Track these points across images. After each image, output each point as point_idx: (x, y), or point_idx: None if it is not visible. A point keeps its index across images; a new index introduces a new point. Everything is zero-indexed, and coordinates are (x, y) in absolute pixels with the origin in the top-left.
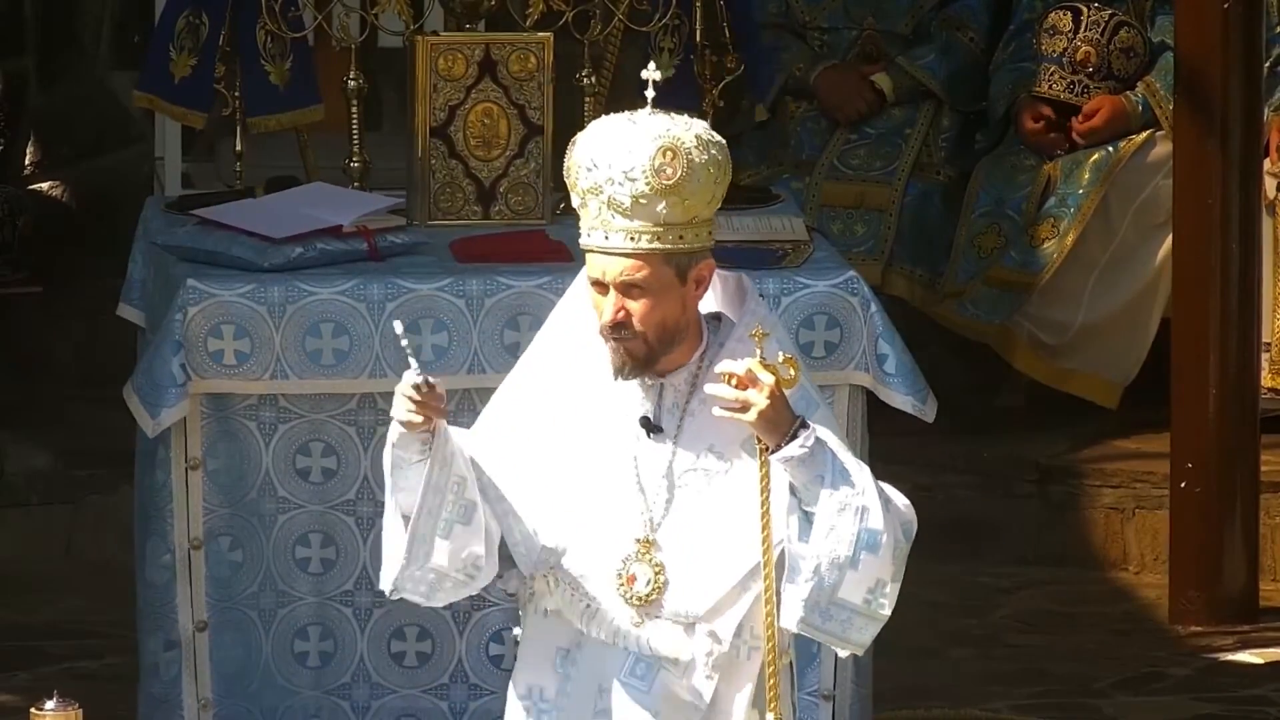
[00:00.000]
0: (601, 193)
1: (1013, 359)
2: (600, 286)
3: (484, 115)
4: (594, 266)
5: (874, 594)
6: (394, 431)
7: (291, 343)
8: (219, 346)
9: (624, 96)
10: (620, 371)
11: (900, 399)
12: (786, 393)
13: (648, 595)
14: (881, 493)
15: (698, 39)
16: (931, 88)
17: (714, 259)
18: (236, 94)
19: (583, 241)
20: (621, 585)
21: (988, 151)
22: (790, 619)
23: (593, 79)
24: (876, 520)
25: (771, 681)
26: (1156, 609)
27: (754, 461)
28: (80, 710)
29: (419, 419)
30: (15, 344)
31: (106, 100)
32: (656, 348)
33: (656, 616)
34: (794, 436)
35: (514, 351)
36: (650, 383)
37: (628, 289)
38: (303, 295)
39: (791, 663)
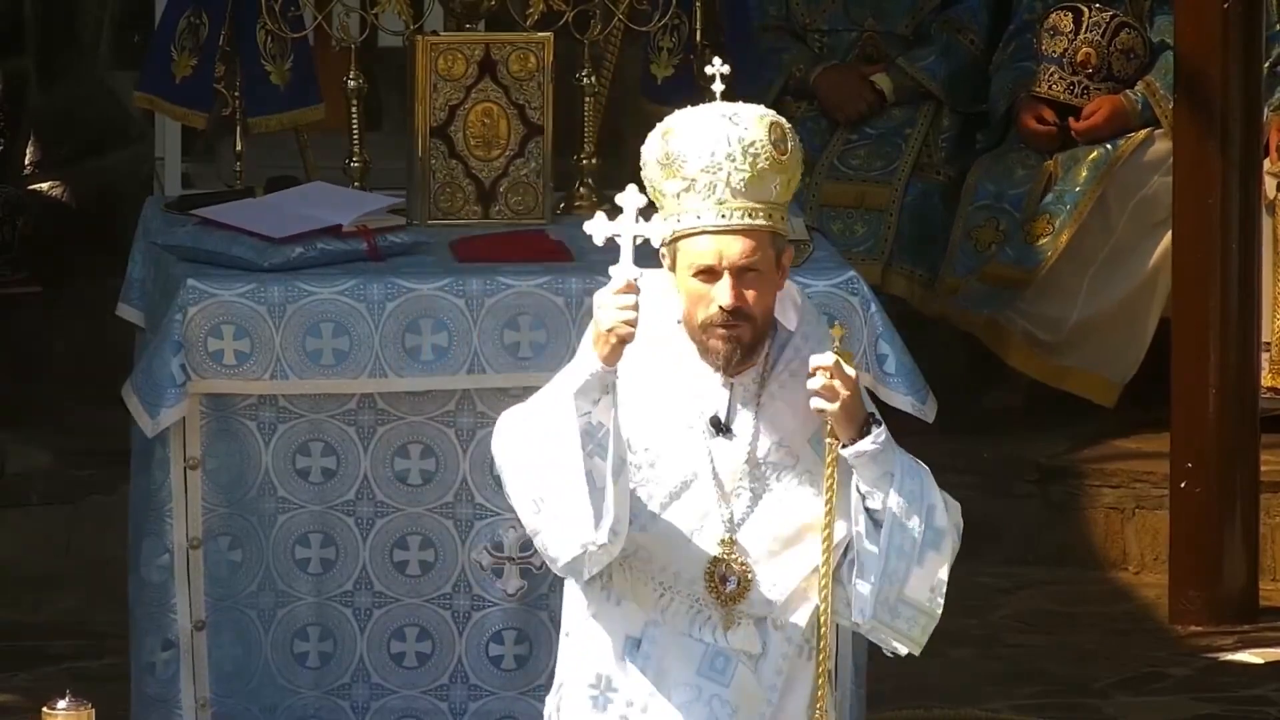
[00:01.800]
0: (720, 170)
1: (1006, 356)
2: (709, 274)
3: (484, 115)
4: (707, 252)
5: (935, 591)
6: (581, 374)
7: (291, 343)
8: (219, 346)
9: (624, 96)
10: (729, 362)
11: (900, 399)
12: None
13: (737, 594)
14: (941, 492)
15: (698, 39)
16: (931, 89)
17: None
18: (236, 94)
19: (690, 226)
20: (712, 586)
21: (988, 151)
22: (862, 614)
23: (593, 79)
24: (941, 519)
25: (821, 691)
26: (1156, 609)
27: (819, 456)
28: (93, 710)
29: (633, 329)
30: (15, 344)
31: (106, 100)
32: (762, 335)
33: (739, 613)
34: (866, 432)
35: (514, 351)
36: (723, 381)
37: (742, 273)
38: (303, 295)
39: (835, 668)
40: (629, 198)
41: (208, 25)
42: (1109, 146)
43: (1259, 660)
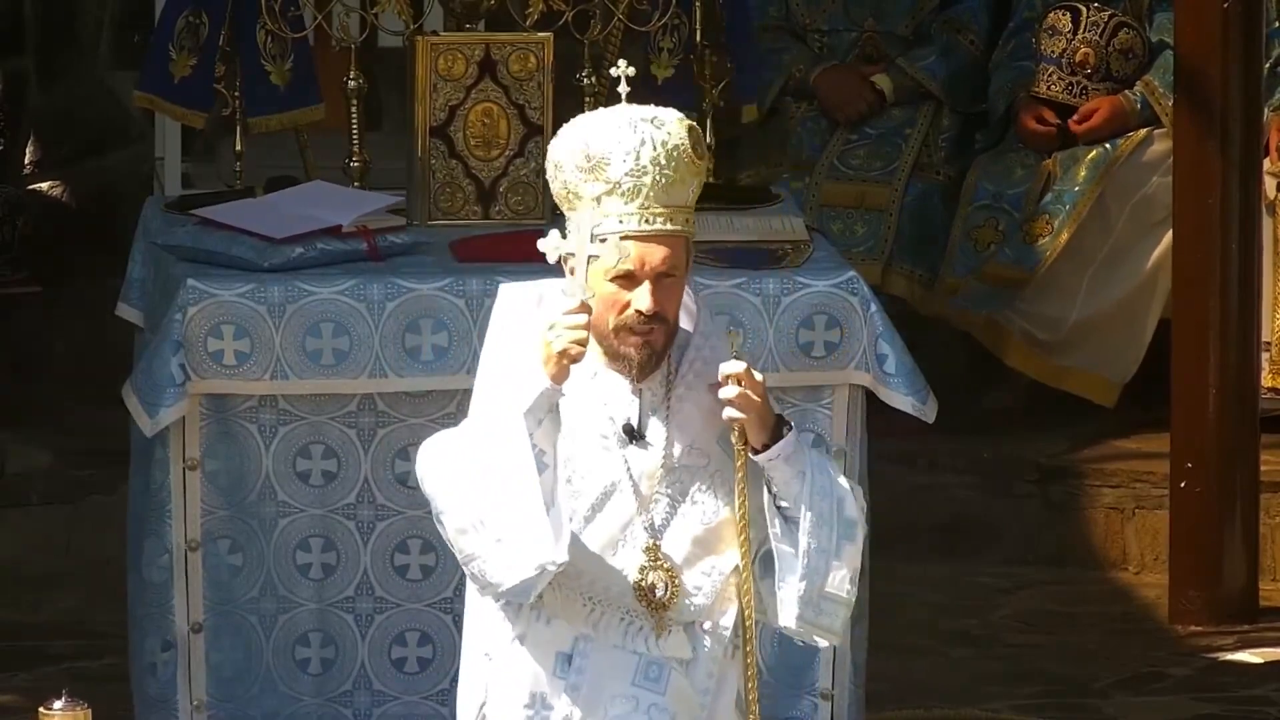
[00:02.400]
0: (646, 174)
1: (1005, 356)
2: (628, 279)
3: (484, 115)
4: (629, 258)
5: (852, 582)
6: (530, 394)
7: (291, 343)
8: (219, 346)
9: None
10: (643, 368)
11: (900, 399)
12: None
13: (666, 601)
14: (845, 477)
15: (698, 39)
16: (931, 89)
17: (715, 258)
18: (236, 94)
19: (614, 230)
20: (641, 595)
21: (987, 151)
22: (789, 617)
23: (593, 79)
24: (851, 509)
25: (751, 684)
26: (1156, 609)
27: (728, 455)
28: (89, 710)
29: (584, 349)
30: (15, 344)
31: (106, 100)
32: (672, 339)
33: (669, 619)
34: (778, 434)
35: None
36: (631, 388)
37: (661, 278)
38: (303, 295)
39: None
40: (584, 217)
41: (207, 25)
42: (1108, 146)
43: (1259, 660)
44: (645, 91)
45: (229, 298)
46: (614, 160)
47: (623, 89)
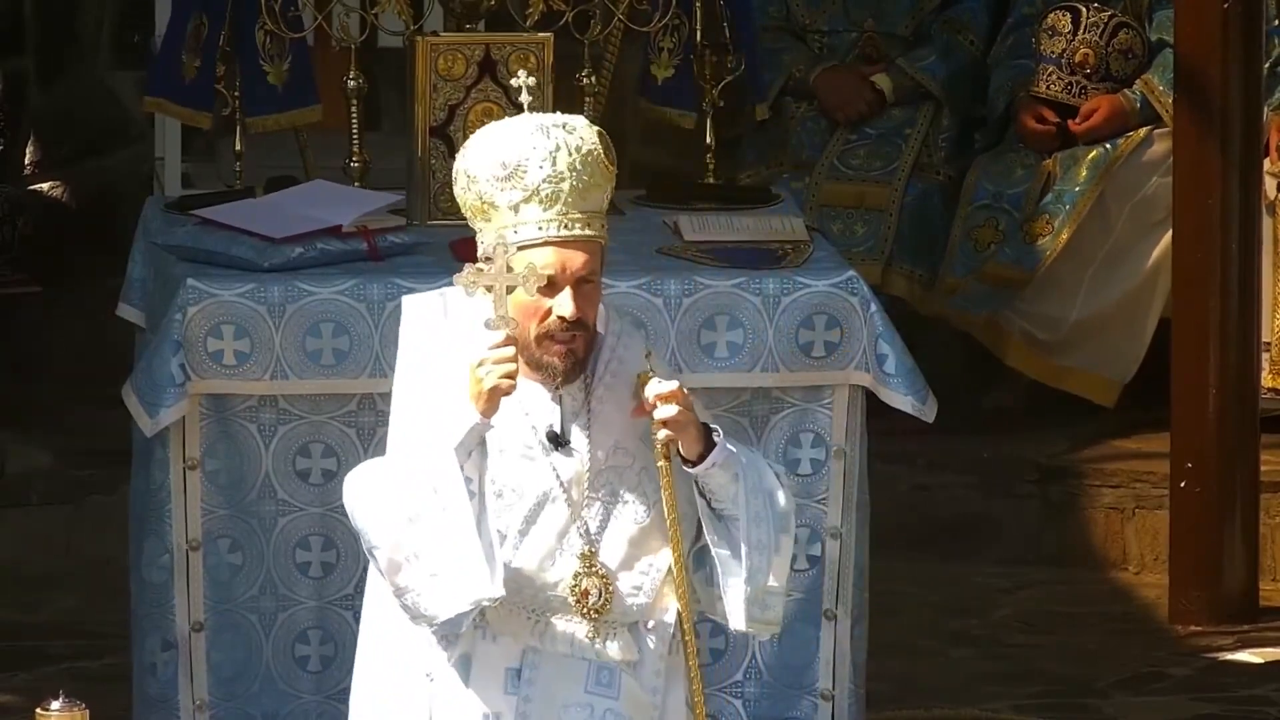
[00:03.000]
0: (563, 180)
1: (1005, 356)
2: (549, 287)
3: (484, 115)
4: (550, 264)
5: (790, 571)
6: (460, 429)
7: (291, 343)
8: (219, 346)
9: (624, 97)
10: (567, 375)
11: (900, 399)
12: None
13: (600, 606)
14: (773, 469)
15: (698, 39)
16: (931, 90)
17: (715, 258)
18: (236, 94)
19: (533, 237)
20: (576, 601)
21: (986, 151)
22: (738, 620)
23: (593, 79)
24: (782, 499)
25: (696, 685)
26: (1156, 609)
27: (651, 451)
28: (87, 710)
29: (514, 381)
30: (15, 344)
31: (106, 100)
32: (592, 345)
33: (608, 623)
34: (709, 443)
35: None
36: (551, 395)
37: (580, 283)
38: (303, 295)
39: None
40: (498, 248)
41: (208, 25)
42: (1108, 146)
43: (1259, 660)
44: (645, 91)
45: (229, 298)
46: (530, 167)
47: (525, 98)
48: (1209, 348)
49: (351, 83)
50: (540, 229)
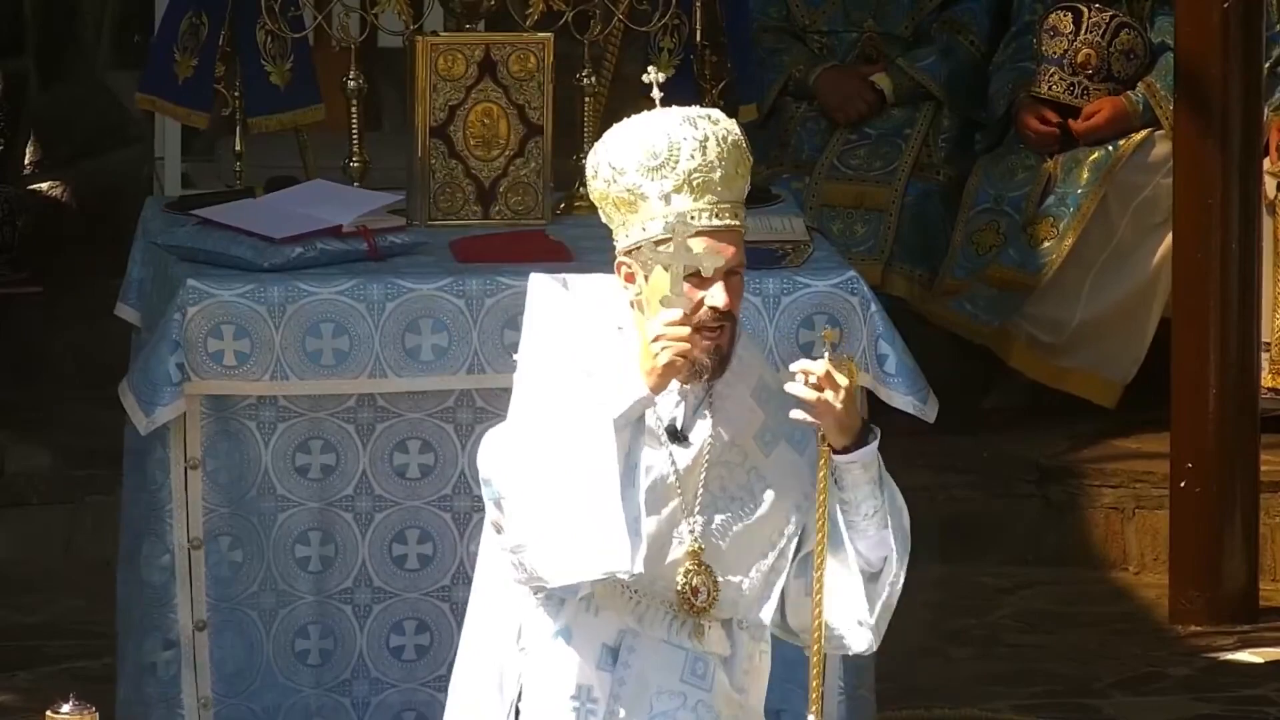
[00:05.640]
0: (715, 170)
1: (1008, 357)
2: (698, 277)
3: (484, 115)
4: (699, 256)
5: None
6: (625, 401)
7: (291, 343)
8: (219, 347)
9: (624, 96)
10: (715, 371)
11: (901, 399)
12: None
13: (707, 604)
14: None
15: (698, 39)
16: (931, 90)
17: None
18: (236, 94)
19: (680, 228)
20: (684, 599)
21: (987, 152)
22: (863, 641)
23: (593, 79)
24: (907, 517)
25: (816, 683)
26: (1156, 609)
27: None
28: (96, 713)
29: (688, 362)
30: (15, 344)
31: (106, 100)
32: (735, 340)
33: (710, 617)
34: (862, 439)
35: (514, 352)
36: (678, 388)
37: (730, 274)
38: (303, 295)
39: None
40: (679, 226)
41: (207, 25)
42: (1110, 148)
43: (1259, 660)
44: (644, 91)
45: (229, 298)
46: (682, 155)
47: (656, 94)
48: (1209, 348)
49: (351, 83)
50: (693, 219)
